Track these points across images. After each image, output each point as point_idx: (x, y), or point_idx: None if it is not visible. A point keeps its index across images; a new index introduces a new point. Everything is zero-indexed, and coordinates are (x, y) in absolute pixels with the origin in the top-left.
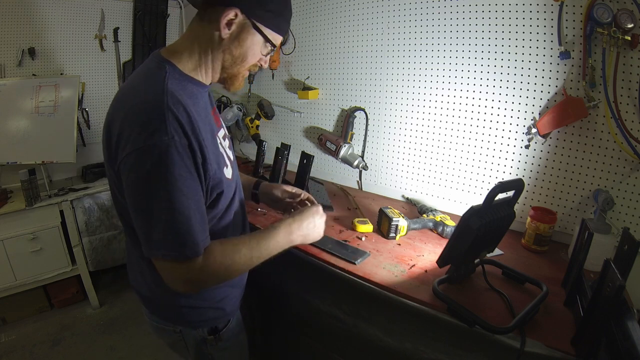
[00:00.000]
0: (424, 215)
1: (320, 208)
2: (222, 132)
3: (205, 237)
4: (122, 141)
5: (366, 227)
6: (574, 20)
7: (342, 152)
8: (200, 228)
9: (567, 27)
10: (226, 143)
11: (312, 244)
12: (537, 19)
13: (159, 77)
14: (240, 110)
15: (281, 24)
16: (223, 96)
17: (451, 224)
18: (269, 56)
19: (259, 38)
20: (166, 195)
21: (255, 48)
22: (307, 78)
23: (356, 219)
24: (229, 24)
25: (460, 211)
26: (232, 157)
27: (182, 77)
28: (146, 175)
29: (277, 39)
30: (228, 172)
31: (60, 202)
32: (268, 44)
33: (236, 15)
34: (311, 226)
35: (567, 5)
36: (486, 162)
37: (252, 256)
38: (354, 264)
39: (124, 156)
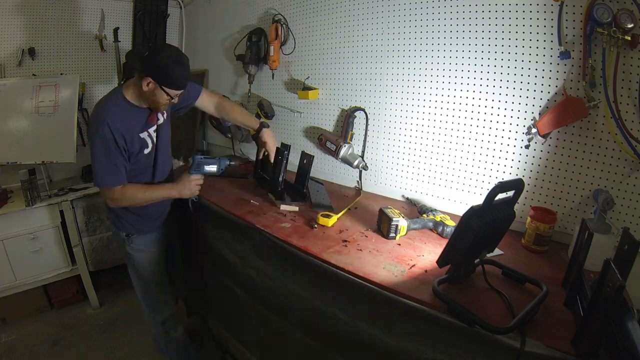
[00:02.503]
0: (424, 215)
1: (192, 175)
2: (153, 128)
3: (116, 180)
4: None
5: (329, 220)
6: (574, 20)
7: (342, 152)
8: (111, 175)
9: (567, 27)
10: (156, 132)
11: None
12: (537, 19)
13: (112, 98)
14: None
15: (179, 85)
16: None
17: (451, 224)
18: (175, 98)
19: (164, 94)
20: (97, 157)
21: (162, 99)
22: (307, 78)
23: (320, 214)
24: (147, 84)
25: (460, 211)
26: (154, 140)
27: (124, 100)
28: (90, 146)
29: (176, 92)
30: (147, 150)
31: (60, 202)
32: (168, 97)
33: (150, 82)
34: (184, 187)
35: (567, 5)
36: (486, 162)
37: (145, 196)
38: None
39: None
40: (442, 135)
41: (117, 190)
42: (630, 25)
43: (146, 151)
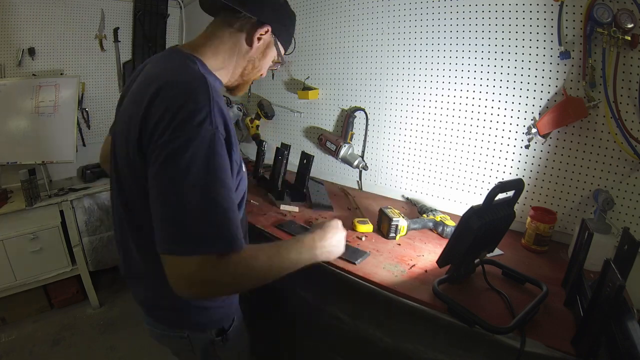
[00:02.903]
0: (424, 215)
1: (340, 222)
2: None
3: (236, 233)
4: (163, 123)
5: (366, 227)
6: (574, 20)
7: (342, 152)
8: (237, 222)
9: (567, 27)
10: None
11: None
12: (537, 19)
13: (192, 65)
14: (240, 110)
15: (289, 43)
16: (223, 96)
17: (451, 224)
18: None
19: (274, 52)
20: (206, 186)
21: (269, 60)
22: (307, 78)
23: (356, 219)
24: (260, 38)
25: (460, 211)
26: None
27: (209, 72)
28: (189, 164)
29: (284, 57)
30: (244, 171)
31: (60, 202)
32: (279, 59)
33: (267, 32)
34: (335, 241)
35: (567, 5)
36: (486, 162)
37: (272, 265)
38: (354, 263)
39: (164, 141)
40: (442, 135)
41: (237, 258)
42: (630, 25)
43: (244, 171)
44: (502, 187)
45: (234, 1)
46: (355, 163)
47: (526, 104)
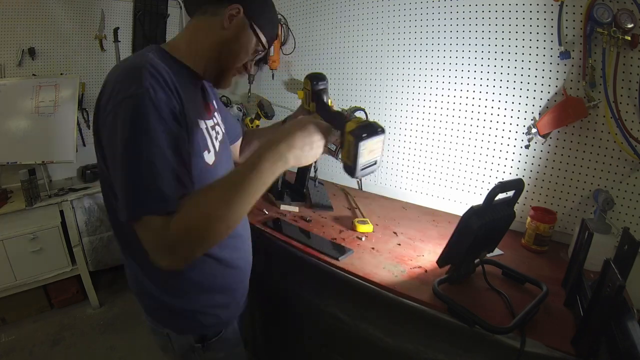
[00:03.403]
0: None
1: (309, 117)
2: (211, 122)
3: (173, 192)
4: (102, 105)
5: (366, 227)
6: (574, 20)
7: None
8: (172, 181)
9: (567, 27)
10: (215, 136)
11: (297, 240)
12: (537, 19)
13: (145, 54)
14: (240, 110)
15: (271, 33)
16: (223, 96)
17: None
18: (254, 61)
19: (253, 38)
20: (138, 148)
21: (249, 47)
22: None
23: (356, 219)
24: (230, 18)
25: (460, 211)
26: (217, 149)
27: (171, 59)
28: (120, 127)
29: (265, 44)
30: (208, 158)
31: (60, 202)
32: (259, 46)
33: (238, 12)
34: (307, 145)
35: (567, 5)
36: (486, 162)
37: (230, 199)
38: (337, 259)
39: (104, 117)
40: (442, 135)
41: (179, 215)
42: (630, 25)
43: (207, 157)
44: (502, 187)
45: None
46: None
47: (526, 104)
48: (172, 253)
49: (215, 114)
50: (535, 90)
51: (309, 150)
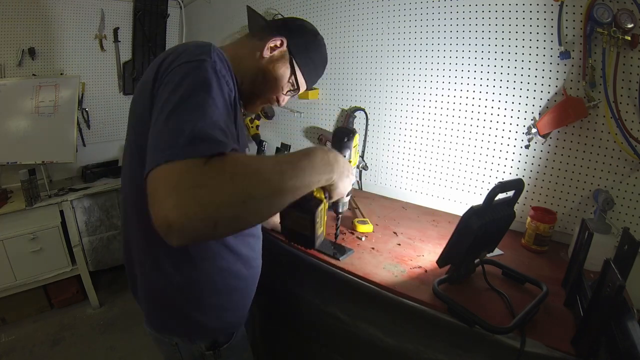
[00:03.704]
0: None
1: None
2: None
3: (226, 138)
4: (165, 66)
5: (366, 227)
6: (574, 20)
7: None
8: (225, 129)
9: (567, 27)
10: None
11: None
12: (537, 19)
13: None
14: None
15: (312, 75)
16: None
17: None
18: (288, 96)
19: (288, 73)
20: (196, 99)
21: (283, 80)
22: None
23: (356, 219)
24: (273, 48)
25: (460, 211)
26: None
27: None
28: (178, 84)
29: (302, 83)
30: (246, 150)
31: (60, 202)
32: (294, 83)
33: (281, 44)
34: (347, 177)
35: (567, 5)
36: (486, 162)
37: (282, 170)
38: (338, 259)
39: (166, 74)
40: (442, 135)
41: (228, 157)
42: (630, 25)
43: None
44: (502, 187)
45: (262, 22)
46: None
47: (526, 104)
48: (198, 195)
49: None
50: (535, 90)
51: (347, 180)
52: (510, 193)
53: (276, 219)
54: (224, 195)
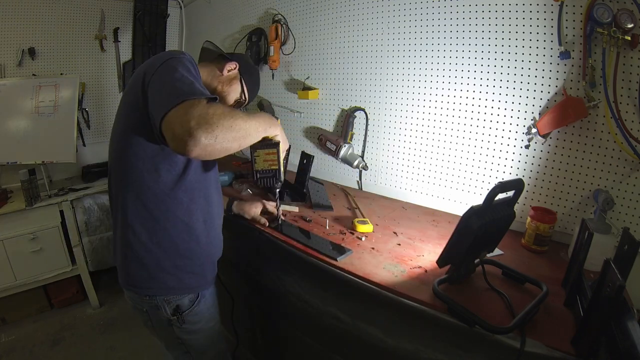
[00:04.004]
0: None
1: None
2: None
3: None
4: (155, 64)
5: (366, 227)
6: (574, 20)
7: (342, 152)
8: (204, 91)
9: (567, 27)
10: None
11: (296, 240)
12: (537, 19)
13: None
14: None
15: (253, 92)
16: None
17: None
18: (236, 106)
19: (239, 88)
20: (181, 74)
21: (235, 92)
22: (307, 78)
23: (356, 219)
24: (229, 69)
25: (460, 211)
26: None
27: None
28: (168, 67)
29: (246, 97)
30: None
31: (60, 202)
32: (242, 96)
33: (235, 67)
34: (282, 132)
35: (567, 5)
36: (486, 162)
37: (244, 120)
38: (336, 260)
39: (153, 73)
40: (442, 135)
41: (212, 104)
42: (630, 25)
43: None
44: (502, 187)
45: (223, 55)
46: (355, 163)
47: (526, 104)
48: (209, 124)
49: None
50: (535, 90)
51: (284, 137)
52: (510, 193)
53: (247, 209)
54: (222, 119)
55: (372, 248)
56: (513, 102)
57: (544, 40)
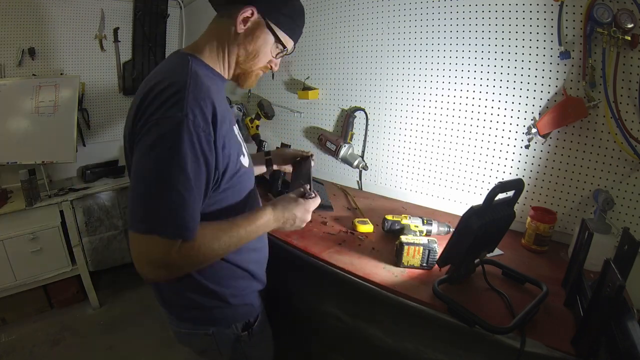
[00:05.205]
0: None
1: (311, 201)
2: (237, 128)
3: (195, 225)
4: (140, 114)
5: (366, 227)
6: (574, 20)
7: (342, 152)
8: (193, 213)
9: (567, 27)
10: (242, 137)
11: None
12: (537, 19)
13: (183, 63)
14: (240, 110)
15: (294, 29)
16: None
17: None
18: (279, 59)
19: (271, 38)
20: (168, 171)
21: (267, 47)
22: (307, 78)
23: (356, 219)
24: (245, 20)
25: (460, 211)
26: (248, 151)
27: (206, 67)
28: (153, 145)
29: (288, 41)
30: (245, 161)
31: (60, 202)
32: (279, 45)
33: (252, 14)
34: (290, 221)
35: (567, 5)
36: (486, 162)
37: (231, 244)
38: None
39: (139, 127)
40: (442, 135)
41: (189, 245)
42: (630, 25)
43: (244, 161)
44: (502, 187)
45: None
46: (355, 163)
47: (526, 104)
48: (168, 271)
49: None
50: (535, 90)
51: (300, 223)
52: (510, 193)
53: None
54: (191, 265)
55: (372, 248)
56: (513, 102)
57: (544, 40)
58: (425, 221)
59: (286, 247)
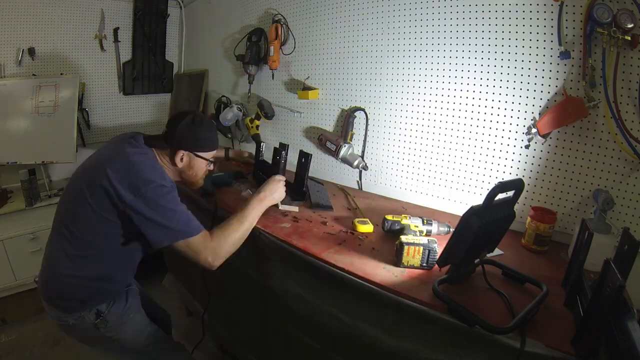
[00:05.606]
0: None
1: (277, 176)
2: None
3: (199, 224)
4: (134, 190)
5: (366, 227)
6: (574, 20)
7: (342, 152)
8: (195, 221)
9: (567, 27)
10: None
11: None
12: (537, 19)
13: (147, 153)
14: (240, 110)
15: (213, 145)
16: (223, 96)
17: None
18: (210, 167)
19: (202, 163)
20: (172, 207)
21: (201, 166)
22: (307, 78)
23: (356, 219)
24: (181, 158)
25: (460, 211)
26: None
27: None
28: (162, 199)
29: (211, 154)
30: None
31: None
32: (207, 162)
33: (182, 154)
34: (273, 190)
35: (567, 5)
36: (486, 162)
37: (242, 227)
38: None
39: (139, 194)
40: (442, 135)
41: (211, 234)
42: (630, 25)
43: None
44: (502, 187)
45: (164, 141)
46: (355, 163)
47: (526, 104)
48: (215, 254)
49: None
50: (535, 90)
51: (273, 198)
52: (510, 193)
53: None
54: (226, 246)
55: (372, 248)
56: (513, 102)
57: (544, 40)
58: (425, 221)
59: (286, 247)
